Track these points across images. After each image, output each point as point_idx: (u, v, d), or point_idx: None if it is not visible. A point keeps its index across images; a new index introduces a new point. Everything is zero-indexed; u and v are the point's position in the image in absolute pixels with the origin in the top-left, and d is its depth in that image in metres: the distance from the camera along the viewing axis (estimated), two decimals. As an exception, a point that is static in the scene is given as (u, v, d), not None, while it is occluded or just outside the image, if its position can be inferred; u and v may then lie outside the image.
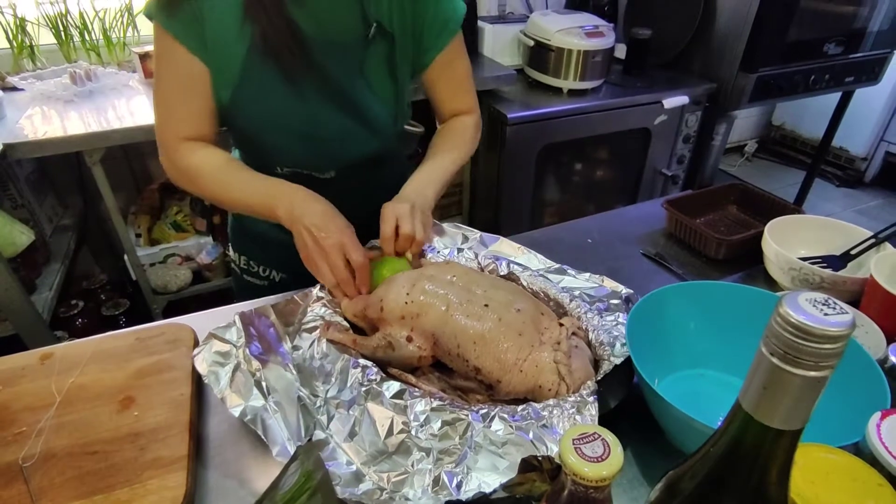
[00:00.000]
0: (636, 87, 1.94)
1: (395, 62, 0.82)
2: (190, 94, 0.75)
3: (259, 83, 0.75)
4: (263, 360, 0.61)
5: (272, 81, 0.75)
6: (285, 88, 0.76)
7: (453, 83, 0.90)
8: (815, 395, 0.27)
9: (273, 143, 0.81)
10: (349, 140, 0.83)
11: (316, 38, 0.75)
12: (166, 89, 0.76)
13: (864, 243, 0.79)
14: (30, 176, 1.68)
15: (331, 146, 0.83)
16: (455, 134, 0.91)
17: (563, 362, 0.56)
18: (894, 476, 0.40)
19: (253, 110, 0.78)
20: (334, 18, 0.76)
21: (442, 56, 0.85)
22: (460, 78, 0.91)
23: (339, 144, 0.83)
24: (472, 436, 0.51)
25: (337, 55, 0.77)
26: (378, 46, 0.79)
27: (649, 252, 0.93)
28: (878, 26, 2.04)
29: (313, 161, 0.85)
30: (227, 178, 0.77)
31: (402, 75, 0.84)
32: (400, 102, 0.86)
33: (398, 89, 0.84)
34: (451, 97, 0.92)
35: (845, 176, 3.15)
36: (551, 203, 2.13)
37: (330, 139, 0.82)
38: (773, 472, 0.30)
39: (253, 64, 0.74)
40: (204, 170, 0.77)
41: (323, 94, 0.78)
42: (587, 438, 0.39)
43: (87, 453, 0.57)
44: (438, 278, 0.65)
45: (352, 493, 0.48)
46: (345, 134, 0.82)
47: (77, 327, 1.71)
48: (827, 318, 0.24)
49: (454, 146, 0.89)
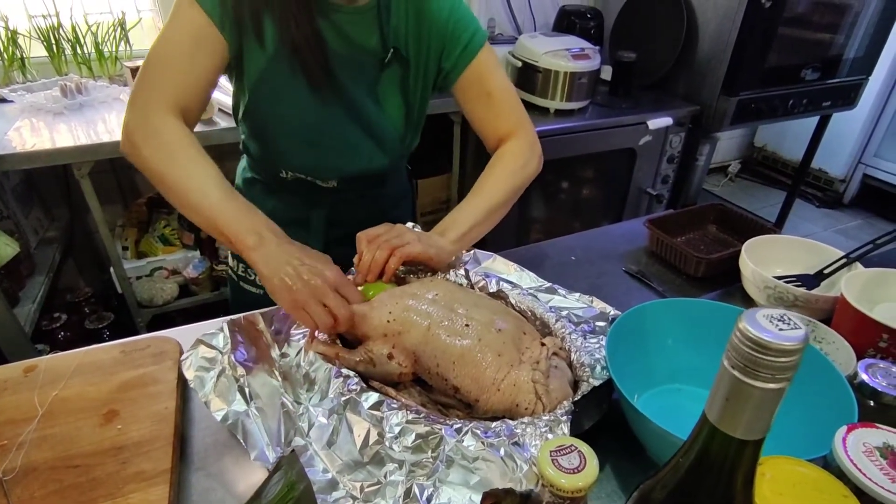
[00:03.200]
0: (621, 108, 1.98)
1: (408, 86, 0.84)
2: (194, 57, 0.71)
3: (278, 84, 0.77)
4: (248, 366, 0.62)
5: (290, 85, 0.77)
6: (301, 94, 0.78)
7: (487, 102, 0.87)
8: (773, 406, 0.28)
9: (281, 146, 0.83)
10: (353, 153, 0.85)
11: (336, 51, 0.78)
12: (165, 49, 0.71)
13: (837, 263, 0.82)
14: (16, 187, 1.67)
15: (336, 157, 0.85)
16: (498, 167, 0.87)
17: (540, 382, 0.57)
18: (860, 488, 0.42)
19: (267, 109, 0.79)
20: (356, 36, 0.79)
21: (466, 77, 0.85)
22: (495, 96, 0.87)
23: (343, 156, 0.85)
24: (444, 450, 0.52)
25: (353, 71, 0.80)
26: (393, 70, 0.82)
27: (631, 269, 0.95)
28: (853, 53, 2.12)
29: (317, 169, 0.86)
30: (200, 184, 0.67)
31: (413, 99, 0.86)
32: (409, 124, 0.88)
33: (409, 111, 0.86)
34: (490, 118, 0.88)
35: (825, 197, 3.22)
36: (538, 220, 2.15)
37: (335, 150, 0.84)
38: (739, 480, 0.31)
39: (276, 64, 0.76)
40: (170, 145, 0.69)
41: (335, 106, 0.80)
42: (564, 450, 0.40)
43: (69, 467, 0.57)
44: (421, 296, 0.66)
45: (324, 500, 0.49)
46: (350, 146, 0.84)
47: (60, 340, 1.69)
48: (782, 333, 0.26)
49: (497, 181, 0.85)
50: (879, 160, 3.01)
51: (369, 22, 0.79)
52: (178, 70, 0.71)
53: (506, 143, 0.88)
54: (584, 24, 2.17)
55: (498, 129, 0.89)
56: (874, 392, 0.56)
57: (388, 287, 0.73)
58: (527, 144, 0.88)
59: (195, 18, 0.70)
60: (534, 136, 0.90)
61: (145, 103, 0.70)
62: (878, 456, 0.43)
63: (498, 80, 0.87)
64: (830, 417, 0.52)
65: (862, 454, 0.44)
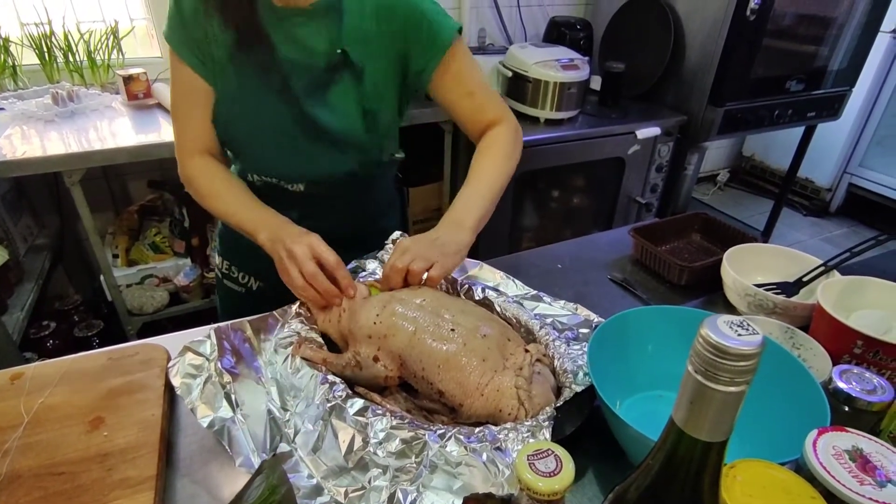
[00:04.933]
0: (610, 117, 2.01)
1: (364, 90, 0.83)
2: (194, 109, 0.83)
3: (235, 91, 0.81)
4: (235, 373, 0.63)
5: (245, 90, 0.81)
6: (257, 100, 0.81)
7: (470, 100, 0.87)
8: (734, 409, 0.29)
9: (244, 150, 0.88)
10: (311, 158, 0.86)
11: (287, 56, 0.80)
12: (176, 106, 0.85)
13: (815, 271, 0.84)
14: (6, 195, 1.67)
15: (295, 161, 0.87)
16: (488, 152, 0.87)
17: (523, 387, 0.58)
18: (829, 490, 0.43)
19: (228, 117, 0.84)
20: (305, 40, 0.80)
21: (440, 73, 0.84)
22: (473, 87, 0.87)
23: (302, 161, 0.87)
24: (428, 455, 0.53)
25: (304, 75, 0.81)
26: (344, 74, 0.81)
27: (616, 277, 0.97)
28: (837, 65, 2.16)
29: (281, 172, 0.89)
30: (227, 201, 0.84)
31: (374, 104, 0.84)
32: (375, 130, 0.87)
33: (370, 117, 0.85)
34: (473, 109, 0.88)
35: (812, 206, 3.27)
36: (529, 228, 2.17)
37: (294, 154, 0.86)
38: (706, 480, 0.32)
39: (232, 70, 0.80)
40: (204, 186, 0.85)
41: (288, 111, 0.82)
42: (541, 455, 0.41)
43: (54, 474, 0.57)
44: (409, 301, 0.67)
45: None
46: (307, 151, 0.85)
47: (48, 349, 1.68)
48: (740, 338, 0.27)
49: (491, 165, 0.85)
50: (864, 170, 3.06)
51: (319, 25, 0.79)
52: (185, 123, 0.85)
53: (492, 129, 0.89)
54: (574, 34, 2.20)
55: (482, 120, 0.89)
56: (848, 397, 0.58)
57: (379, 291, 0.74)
58: (512, 130, 0.89)
59: (184, 74, 0.81)
60: (516, 121, 0.91)
61: (179, 156, 0.87)
62: (847, 459, 0.45)
63: (476, 76, 0.88)
64: (805, 422, 0.53)
65: (831, 457, 0.45)
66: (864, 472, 0.43)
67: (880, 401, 0.56)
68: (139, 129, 1.54)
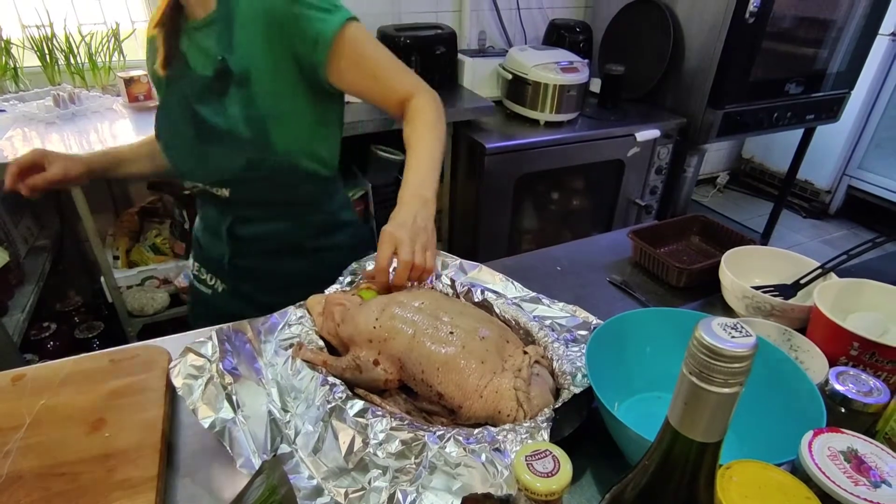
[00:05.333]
0: (610, 120, 2.01)
1: (252, 95, 0.82)
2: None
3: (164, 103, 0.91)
4: (236, 374, 0.63)
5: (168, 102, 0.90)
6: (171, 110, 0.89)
7: (371, 78, 0.86)
8: (728, 410, 0.30)
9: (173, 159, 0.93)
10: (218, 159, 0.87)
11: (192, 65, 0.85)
12: None
13: (813, 273, 0.84)
14: (6, 196, 1.68)
15: (205, 163, 0.89)
16: (418, 122, 0.86)
17: (522, 389, 0.59)
18: (824, 491, 0.44)
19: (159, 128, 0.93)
20: (207, 49, 0.84)
21: (334, 66, 0.82)
22: (375, 71, 0.86)
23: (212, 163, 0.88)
24: (427, 456, 0.53)
25: (196, 85, 0.85)
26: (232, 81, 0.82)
27: (615, 280, 0.97)
28: (836, 68, 2.17)
29: (200, 178, 0.91)
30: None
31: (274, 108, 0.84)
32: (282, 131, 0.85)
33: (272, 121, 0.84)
34: (383, 90, 0.87)
35: (811, 208, 3.27)
36: (529, 230, 2.17)
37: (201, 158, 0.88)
38: (701, 480, 0.33)
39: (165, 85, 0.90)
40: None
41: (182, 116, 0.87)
42: (539, 455, 0.42)
43: (56, 475, 0.58)
44: (408, 304, 0.67)
45: None
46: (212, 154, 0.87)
47: (48, 350, 1.69)
48: (733, 340, 0.28)
49: (426, 132, 0.85)
50: (863, 172, 3.06)
51: (212, 35, 0.82)
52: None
53: (411, 101, 0.88)
54: (574, 37, 2.21)
55: (396, 98, 0.88)
56: (844, 399, 0.58)
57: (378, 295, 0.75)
58: (430, 98, 0.89)
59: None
60: (430, 88, 0.90)
61: None
62: (842, 460, 0.45)
63: (376, 58, 0.86)
64: (801, 423, 0.53)
65: (826, 458, 0.45)
66: (858, 473, 0.44)
67: (876, 402, 0.57)
68: (140, 131, 1.55)
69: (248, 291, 0.99)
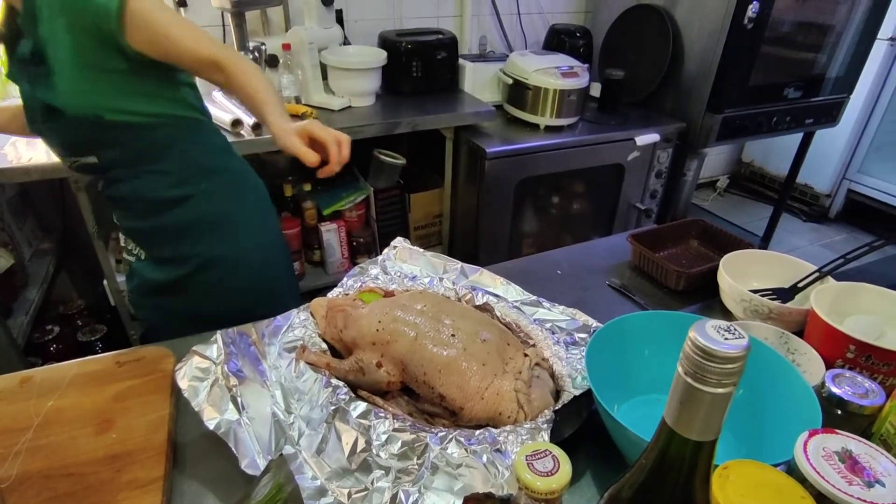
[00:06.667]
0: (610, 124, 2.03)
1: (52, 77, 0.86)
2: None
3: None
4: (241, 376, 0.64)
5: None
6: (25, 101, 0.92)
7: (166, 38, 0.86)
8: (722, 410, 0.31)
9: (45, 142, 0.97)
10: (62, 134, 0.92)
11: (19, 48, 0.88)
12: None
13: (810, 276, 0.85)
14: (11, 199, 1.69)
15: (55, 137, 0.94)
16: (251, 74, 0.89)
17: (522, 391, 0.60)
18: (819, 490, 0.44)
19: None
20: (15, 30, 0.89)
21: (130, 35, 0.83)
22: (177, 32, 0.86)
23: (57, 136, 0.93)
24: (429, 457, 0.54)
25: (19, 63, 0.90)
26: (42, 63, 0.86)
27: (615, 283, 0.98)
28: (835, 72, 2.18)
29: (66, 149, 0.95)
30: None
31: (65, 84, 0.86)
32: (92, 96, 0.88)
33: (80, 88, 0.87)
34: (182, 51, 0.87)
35: (811, 211, 3.28)
36: (529, 234, 2.18)
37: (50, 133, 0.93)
38: (697, 478, 0.34)
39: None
40: None
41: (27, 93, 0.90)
42: (539, 455, 0.43)
43: (64, 475, 0.59)
44: (410, 307, 0.68)
45: None
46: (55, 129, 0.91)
47: (51, 353, 1.70)
48: (727, 342, 0.29)
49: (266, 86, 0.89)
50: (863, 176, 3.07)
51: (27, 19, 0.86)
52: None
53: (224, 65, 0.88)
54: (574, 42, 2.22)
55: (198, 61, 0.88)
56: (840, 401, 0.59)
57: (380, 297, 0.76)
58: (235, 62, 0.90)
59: None
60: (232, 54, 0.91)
61: None
62: (836, 460, 0.46)
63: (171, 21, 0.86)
64: (797, 424, 0.54)
65: (821, 458, 0.46)
66: (852, 473, 0.45)
67: (872, 404, 0.58)
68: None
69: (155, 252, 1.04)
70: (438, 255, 0.90)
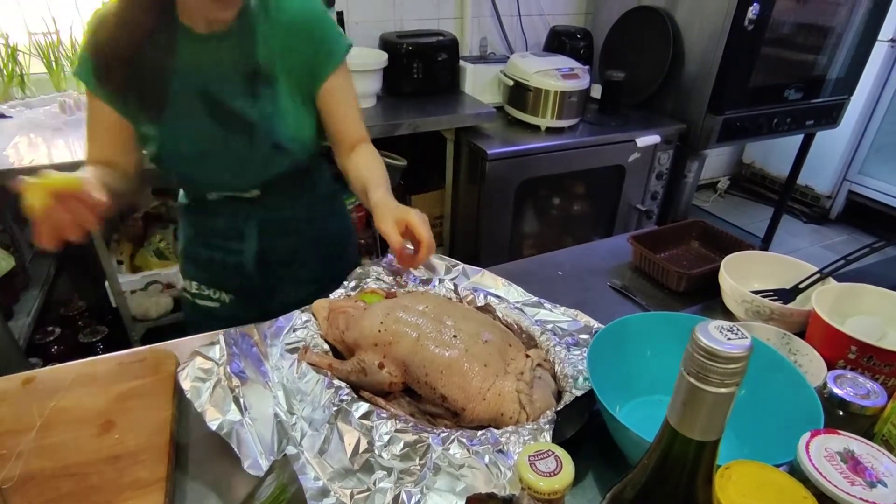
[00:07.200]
0: (611, 125, 2.03)
1: (277, 95, 0.88)
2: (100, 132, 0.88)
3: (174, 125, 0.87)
4: (243, 377, 0.64)
5: (183, 120, 0.86)
6: (192, 124, 0.87)
7: (350, 109, 0.95)
8: (725, 410, 0.31)
9: (201, 175, 0.92)
10: (257, 162, 0.91)
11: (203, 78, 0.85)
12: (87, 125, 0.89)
13: (811, 278, 0.85)
14: (12, 202, 1.69)
15: (243, 169, 0.91)
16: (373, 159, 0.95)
17: (524, 392, 0.60)
18: (821, 490, 0.44)
19: (172, 147, 0.89)
20: (224, 58, 0.85)
21: (331, 83, 0.90)
22: (355, 106, 0.96)
23: (249, 167, 0.91)
24: (431, 457, 0.54)
25: (233, 91, 0.86)
26: (264, 84, 0.87)
27: (616, 284, 0.98)
28: (836, 74, 2.18)
29: (234, 183, 0.93)
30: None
31: (296, 106, 0.90)
32: (302, 128, 0.92)
33: (298, 118, 0.90)
34: (350, 124, 0.96)
35: (812, 213, 3.28)
36: (530, 235, 2.19)
37: (239, 164, 0.90)
38: (699, 478, 0.34)
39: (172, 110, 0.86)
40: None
41: (218, 127, 0.87)
42: (542, 455, 0.43)
43: (67, 475, 0.59)
44: (412, 308, 0.68)
45: None
46: (251, 157, 0.90)
47: (53, 354, 1.70)
48: (730, 342, 0.29)
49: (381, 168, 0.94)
50: (864, 177, 3.08)
51: (234, 44, 0.85)
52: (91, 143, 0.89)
53: (359, 146, 0.97)
54: (574, 44, 2.22)
55: (357, 136, 0.97)
56: (842, 402, 0.59)
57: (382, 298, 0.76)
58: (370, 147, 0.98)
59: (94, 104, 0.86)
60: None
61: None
62: (838, 460, 0.46)
63: (354, 94, 0.95)
64: (799, 425, 0.54)
65: (823, 459, 0.46)
66: (854, 473, 0.45)
67: (874, 405, 0.58)
68: (145, 137, 1.56)
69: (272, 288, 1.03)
70: (439, 256, 0.91)
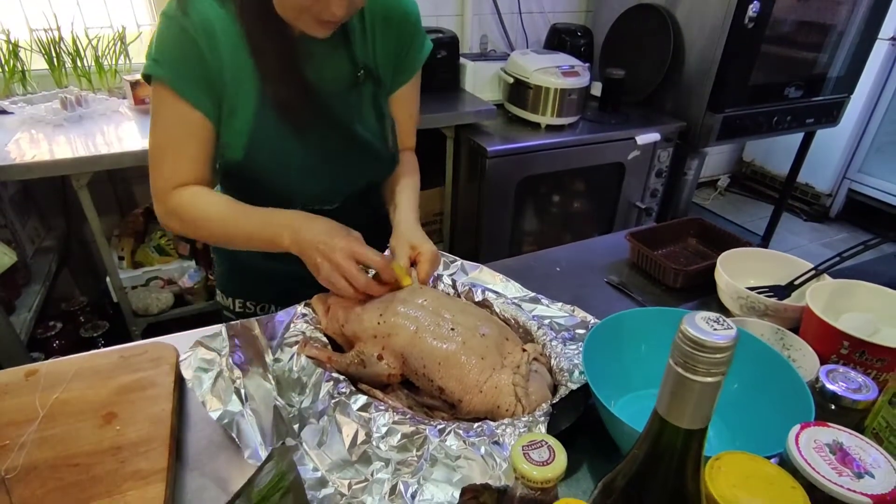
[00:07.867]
0: (611, 123, 2.03)
1: (380, 98, 0.88)
2: (189, 141, 0.78)
3: (270, 135, 0.80)
4: (244, 369, 0.65)
5: (283, 132, 0.81)
6: (295, 136, 0.82)
7: (411, 118, 0.96)
8: (712, 399, 0.31)
9: (286, 185, 0.85)
10: (353, 172, 0.90)
11: (321, 87, 0.81)
12: (163, 139, 0.79)
13: (806, 274, 0.86)
14: (13, 197, 1.70)
15: (339, 180, 0.89)
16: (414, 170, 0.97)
17: (520, 385, 0.61)
18: (809, 481, 0.45)
19: (266, 160, 0.82)
20: (333, 67, 0.82)
21: (405, 90, 0.92)
22: (415, 114, 0.97)
23: (345, 177, 0.90)
24: (428, 449, 0.55)
25: (339, 100, 0.84)
26: (366, 87, 0.86)
27: (613, 281, 0.99)
28: (836, 72, 2.18)
29: (324, 195, 0.89)
30: (226, 217, 0.79)
31: (386, 109, 0.90)
32: (388, 132, 0.91)
33: (386, 122, 0.90)
34: (405, 132, 0.96)
35: (812, 211, 3.29)
36: (530, 233, 2.19)
37: (338, 174, 0.88)
38: (688, 466, 0.35)
39: (264, 118, 0.79)
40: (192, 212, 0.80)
41: (329, 136, 0.84)
42: (535, 445, 0.43)
43: (69, 465, 0.60)
44: (411, 301, 0.69)
45: (314, 497, 0.52)
46: (350, 168, 0.89)
47: (54, 349, 1.71)
48: (715, 332, 0.29)
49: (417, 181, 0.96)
50: (864, 175, 3.08)
51: (339, 48, 0.82)
52: (173, 156, 0.79)
53: (405, 153, 0.98)
54: (575, 41, 2.23)
55: (407, 144, 0.98)
56: (834, 395, 0.60)
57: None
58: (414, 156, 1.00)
59: (176, 107, 0.76)
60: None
61: (160, 193, 0.81)
62: (827, 452, 0.47)
63: (419, 101, 0.96)
64: (791, 418, 0.55)
65: (812, 450, 0.47)
66: (842, 465, 0.46)
67: (865, 399, 0.58)
68: (145, 134, 1.55)
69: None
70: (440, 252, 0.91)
